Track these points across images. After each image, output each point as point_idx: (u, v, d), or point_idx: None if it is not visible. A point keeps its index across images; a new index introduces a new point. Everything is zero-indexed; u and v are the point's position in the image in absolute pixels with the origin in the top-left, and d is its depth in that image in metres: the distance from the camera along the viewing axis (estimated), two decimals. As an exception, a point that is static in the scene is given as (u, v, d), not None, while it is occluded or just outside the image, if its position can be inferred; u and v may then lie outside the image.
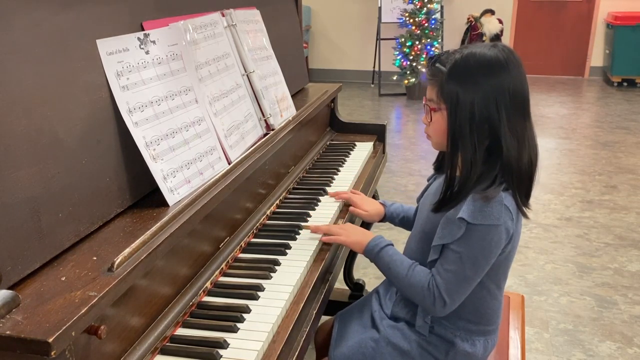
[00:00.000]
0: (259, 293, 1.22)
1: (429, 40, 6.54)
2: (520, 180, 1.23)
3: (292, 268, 1.33)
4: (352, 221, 1.74)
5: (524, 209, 1.25)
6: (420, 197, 1.49)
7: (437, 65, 1.26)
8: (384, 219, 1.65)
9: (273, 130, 1.69)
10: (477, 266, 1.22)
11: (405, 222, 1.62)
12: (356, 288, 2.41)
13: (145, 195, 1.20)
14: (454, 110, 1.22)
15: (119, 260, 0.94)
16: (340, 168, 1.99)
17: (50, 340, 0.75)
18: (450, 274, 1.23)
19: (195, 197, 1.21)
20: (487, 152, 1.22)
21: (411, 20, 6.52)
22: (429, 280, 1.26)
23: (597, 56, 7.58)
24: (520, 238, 1.31)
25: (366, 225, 2.13)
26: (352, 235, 1.43)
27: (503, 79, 1.19)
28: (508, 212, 1.20)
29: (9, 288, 0.85)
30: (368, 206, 1.66)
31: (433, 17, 6.55)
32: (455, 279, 1.23)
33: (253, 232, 1.49)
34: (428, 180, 1.49)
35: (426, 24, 6.49)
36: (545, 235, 3.28)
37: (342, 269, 2.36)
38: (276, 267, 1.33)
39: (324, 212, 1.64)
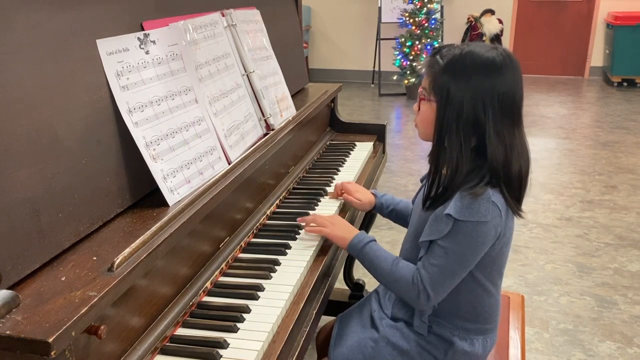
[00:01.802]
0: (259, 293, 1.23)
1: (429, 40, 6.54)
2: (509, 184, 1.23)
3: (292, 268, 1.33)
4: (352, 219, 1.74)
5: (514, 207, 1.25)
6: (414, 198, 1.49)
7: (437, 57, 1.26)
8: (374, 208, 1.66)
9: (273, 130, 1.69)
10: (463, 262, 1.22)
11: (394, 214, 1.64)
12: (356, 288, 2.41)
13: (145, 195, 1.20)
14: (443, 105, 1.22)
15: (119, 260, 0.94)
16: (340, 168, 1.99)
17: (50, 340, 0.75)
18: (435, 268, 1.23)
19: (195, 197, 1.21)
20: (475, 152, 1.22)
21: (411, 20, 6.52)
22: (414, 274, 1.26)
23: (597, 56, 7.58)
24: (520, 238, 1.32)
25: (368, 218, 2.13)
26: (337, 229, 1.43)
27: (494, 82, 1.19)
28: (496, 208, 1.20)
29: (9, 288, 0.85)
30: (361, 195, 1.66)
31: (433, 17, 6.54)
32: (440, 273, 1.23)
33: (253, 232, 1.49)
34: (422, 181, 1.49)
35: (426, 24, 6.49)
36: (545, 235, 3.28)
37: (342, 269, 2.36)
38: (276, 267, 1.33)
39: (324, 212, 1.63)
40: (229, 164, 1.40)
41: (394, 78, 6.85)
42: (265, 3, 1.95)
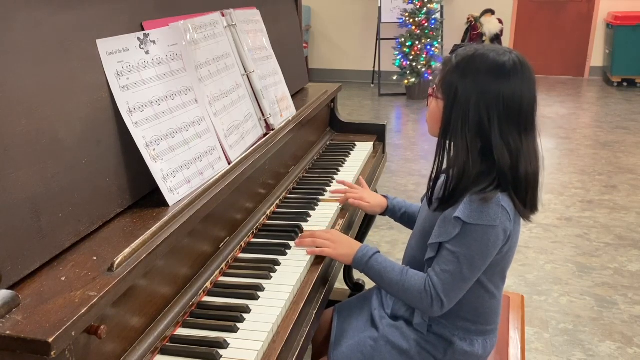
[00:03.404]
0: (259, 293, 1.23)
1: (429, 40, 6.54)
2: (517, 189, 1.22)
3: (292, 268, 1.33)
4: (352, 220, 1.74)
5: (523, 211, 1.25)
6: (424, 197, 1.49)
7: (451, 54, 1.27)
8: (385, 212, 1.65)
9: (273, 130, 1.69)
10: (474, 266, 1.22)
11: (405, 218, 1.62)
12: (356, 288, 2.41)
13: (145, 195, 1.20)
14: (450, 104, 1.23)
15: (119, 260, 0.94)
16: (340, 168, 1.99)
17: (50, 340, 0.75)
18: (447, 274, 1.23)
19: (195, 197, 1.21)
20: (483, 155, 1.22)
21: (411, 20, 6.51)
22: (425, 281, 1.25)
23: (597, 56, 7.58)
24: (520, 238, 1.31)
25: (368, 218, 2.13)
26: (340, 247, 1.39)
27: (499, 87, 1.19)
28: (505, 212, 1.20)
29: (9, 288, 0.85)
30: (370, 198, 1.65)
31: (433, 17, 6.54)
32: (452, 279, 1.23)
33: (253, 232, 1.49)
34: (429, 181, 1.49)
35: (426, 24, 6.49)
36: (545, 235, 3.28)
37: (342, 269, 2.36)
38: (276, 267, 1.33)
39: (324, 212, 1.64)
40: (229, 164, 1.40)
41: (394, 78, 6.85)
42: (265, 3, 1.95)
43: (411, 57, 6.55)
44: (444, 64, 1.28)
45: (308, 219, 1.58)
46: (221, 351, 1.04)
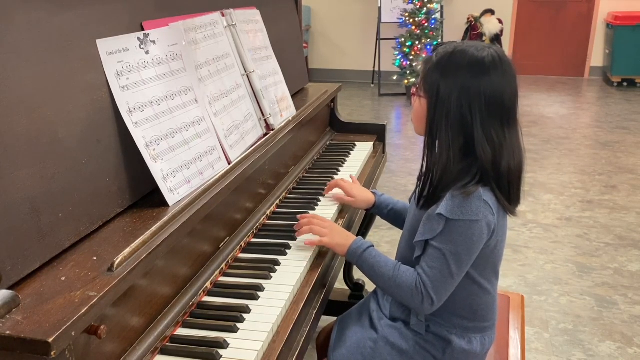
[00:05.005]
0: (259, 293, 1.23)
1: (429, 40, 6.54)
2: (499, 183, 1.23)
3: (292, 268, 1.33)
4: (351, 220, 1.74)
5: (507, 206, 1.25)
6: (412, 196, 1.49)
7: (433, 54, 1.28)
8: (372, 208, 1.65)
9: (273, 130, 1.69)
10: (461, 262, 1.22)
11: (392, 215, 1.62)
12: (356, 288, 2.41)
13: (145, 195, 1.20)
14: (433, 102, 1.24)
15: (119, 260, 0.94)
16: (340, 168, 1.99)
17: (50, 340, 0.75)
18: (435, 271, 1.23)
19: (195, 197, 1.21)
20: (464, 151, 1.23)
21: (411, 20, 6.52)
22: (416, 279, 1.26)
23: (597, 56, 7.58)
24: (520, 238, 1.32)
25: (368, 219, 2.13)
26: (336, 237, 1.40)
27: (479, 82, 1.19)
28: (488, 206, 1.21)
29: (9, 288, 0.85)
30: (356, 192, 1.64)
31: (433, 17, 6.54)
32: (440, 276, 1.23)
33: (253, 232, 1.49)
34: (418, 180, 1.50)
35: (426, 24, 6.49)
36: (545, 235, 3.28)
37: (342, 269, 2.36)
38: (276, 267, 1.33)
39: (324, 212, 1.64)
40: (229, 164, 1.40)
41: (394, 78, 6.85)
42: (265, 3, 1.95)
43: (411, 57, 6.55)
44: (425, 63, 1.29)
45: (308, 219, 1.58)
46: (221, 351, 1.04)
